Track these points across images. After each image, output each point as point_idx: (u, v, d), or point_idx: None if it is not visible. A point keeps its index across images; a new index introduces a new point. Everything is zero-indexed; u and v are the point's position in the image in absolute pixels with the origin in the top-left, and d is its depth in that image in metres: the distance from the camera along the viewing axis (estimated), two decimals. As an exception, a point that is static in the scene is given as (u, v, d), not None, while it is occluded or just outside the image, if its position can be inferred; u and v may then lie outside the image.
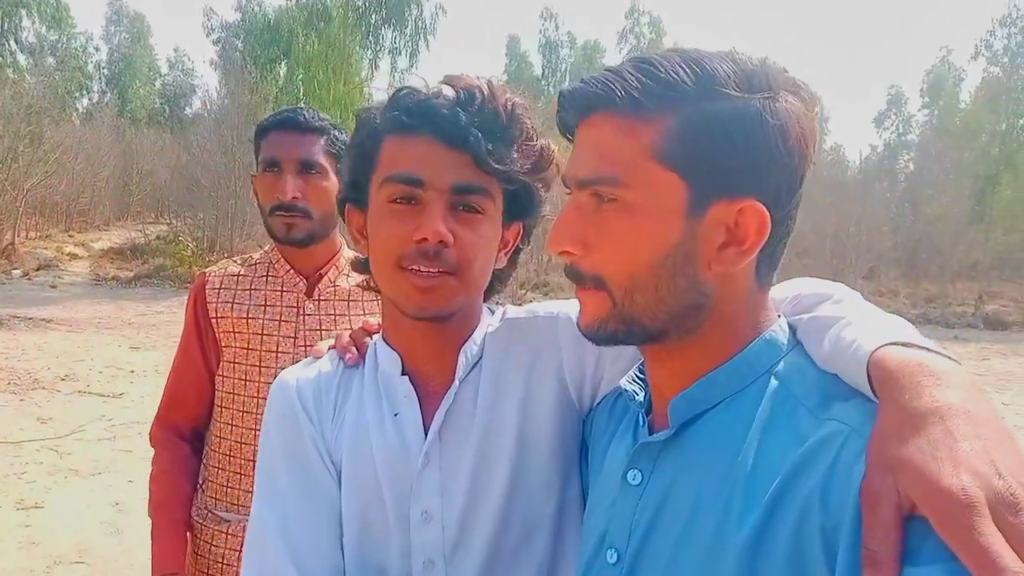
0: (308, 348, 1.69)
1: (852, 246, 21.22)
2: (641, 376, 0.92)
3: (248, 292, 1.78)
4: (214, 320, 1.77)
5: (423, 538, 0.99)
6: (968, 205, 25.45)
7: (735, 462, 0.74)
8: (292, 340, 1.74)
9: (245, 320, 1.75)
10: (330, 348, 1.15)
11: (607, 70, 0.77)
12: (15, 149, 19.38)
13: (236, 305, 1.76)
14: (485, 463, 1.00)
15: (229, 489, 1.76)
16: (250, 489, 1.71)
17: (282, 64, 26.68)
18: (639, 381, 0.92)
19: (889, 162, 37.03)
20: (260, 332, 1.74)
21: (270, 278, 1.80)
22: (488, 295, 1.10)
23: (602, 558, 0.86)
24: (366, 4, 27.83)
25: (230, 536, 1.73)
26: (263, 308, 1.76)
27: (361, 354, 1.11)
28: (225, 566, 1.73)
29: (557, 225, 0.81)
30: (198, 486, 1.83)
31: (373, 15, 28.09)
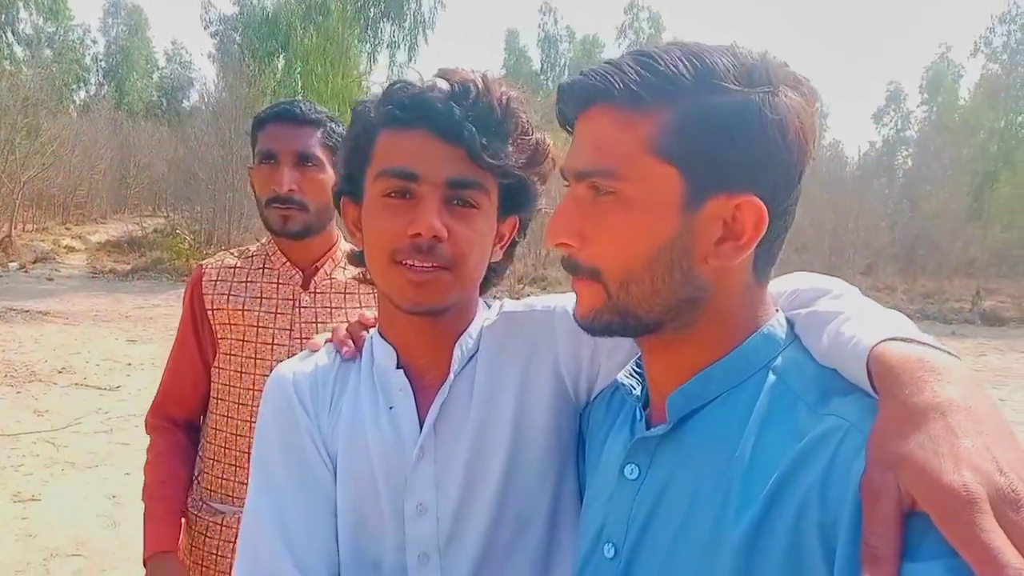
0: (304, 341, 1.70)
1: (850, 242, 21.25)
2: (638, 370, 0.92)
3: (244, 284, 1.78)
4: (210, 312, 1.77)
5: (418, 531, 0.99)
6: (966, 202, 25.44)
7: (733, 457, 0.74)
8: (288, 332, 1.74)
9: (241, 312, 1.75)
10: (327, 341, 1.15)
11: (607, 63, 0.77)
12: (12, 141, 19.34)
13: (232, 297, 1.76)
14: (480, 456, 1.00)
15: (224, 481, 1.76)
16: (245, 481, 1.70)
17: (280, 57, 26.59)
18: (636, 375, 0.92)
19: (888, 158, 37.06)
20: (256, 324, 1.74)
21: (266, 270, 1.80)
22: (484, 288, 1.10)
23: (599, 552, 0.86)
24: (365, -3, 27.77)
25: (224, 528, 1.73)
26: (259, 300, 1.76)
27: (357, 347, 1.11)
28: (219, 558, 1.73)
29: (555, 217, 0.81)
30: (193, 477, 1.83)
31: (371, 9, 28.01)
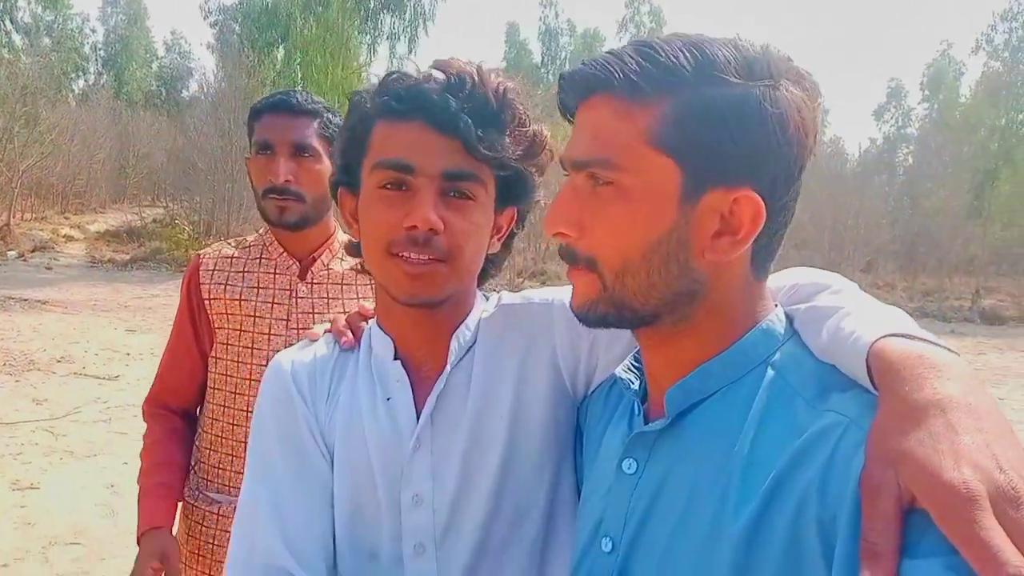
0: (301, 331, 1.69)
1: (850, 239, 21.26)
2: (637, 364, 0.91)
3: (241, 274, 1.78)
4: (207, 301, 1.77)
5: (414, 522, 0.99)
6: (967, 199, 25.45)
7: (731, 452, 0.74)
8: (285, 323, 1.74)
9: (238, 302, 1.75)
10: (326, 332, 1.15)
11: (608, 52, 0.77)
12: (11, 130, 19.30)
13: (229, 287, 1.76)
14: (477, 447, 1.00)
15: (220, 471, 1.76)
16: (242, 470, 1.69)
17: (280, 48, 26.51)
18: (634, 369, 0.91)
19: (888, 155, 37.04)
20: (253, 314, 1.74)
21: (263, 260, 1.80)
22: (482, 280, 1.09)
23: (597, 546, 0.85)
24: (365, -11, 27.65)
25: (221, 517, 1.74)
26: (256, 290, 1.76)
27: (356, 338, 1.11)
28: (216, 547, 1.73)
29: (553, 206, 0.81)
30: (190, 467, 1.83)
31: (372, 0, 27.92)
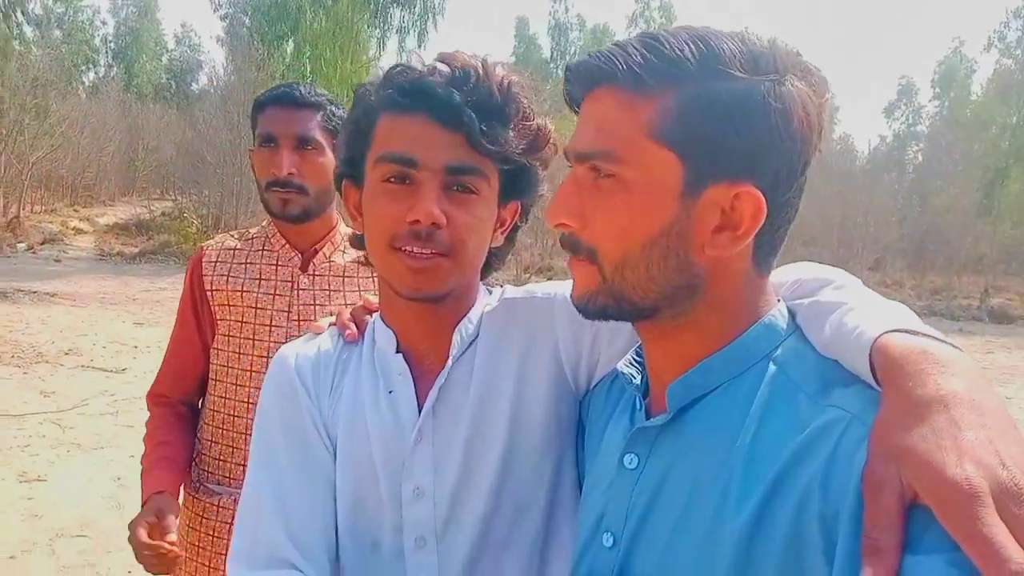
0: (302, 322, 1.71)
1: (859, 236, 21.18)
2: (638, 359, 0.91)
3: (244, 266, 1.78)
4: (209, 293, 1.77)
5: (415, 515, 0.99)
6: (976, 198, 25.33)
7: (733, 447, 0.74)
8: (286, 314, 1.74)
9: (240, 293, 1.75)
10: (330, 325, 1.15)
11: (614, 44, 0.76)
12: (21, 122, 19.39)
13: (231, 278, 1.77)
14: (478, 440, 1.00)
15: (221, 463, 1.76)
16: (242, 463, 1.72)
17: (289, 41, 26.50)
18: (636, 364, 0.91)
19: (898, 153, 36.89)
20: (254, 306, 1.74)
21: (265, 252, 1.80)
22: (485, 273, 1.09)
23: (598, 542, 0.85)
24: (375, -18, 27.61)
25: (221, 509, 1.74)
26: (258, 282, 1.76)
27: (360, 331, 1.11)
28: (216, 539, 1.74)
29: (556, 198, 0.81)
30: (192, 459, 1.84)
31: (382, -6, 27.89)
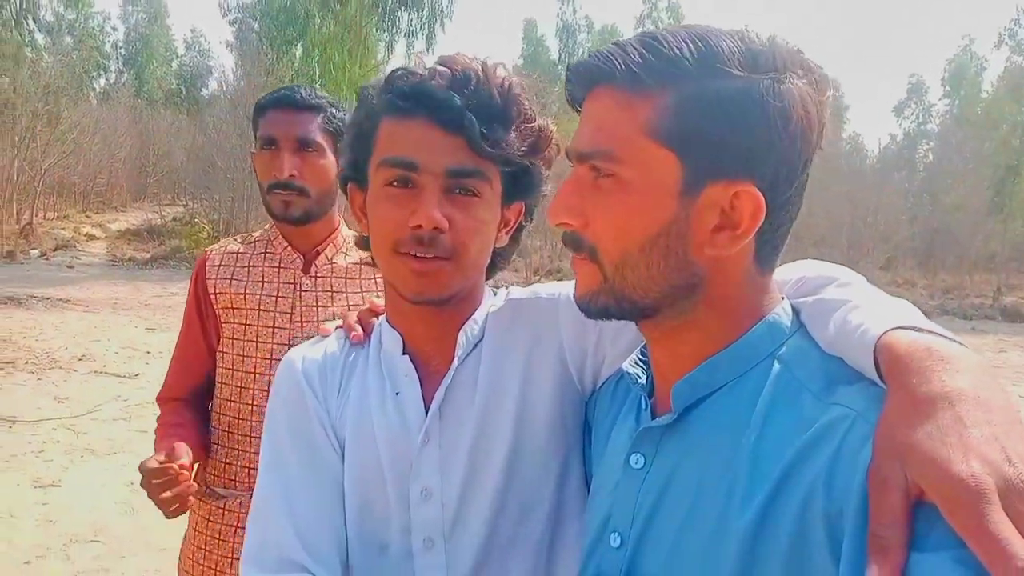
0: (305, 324, 1.73)
1: (869, 236, 21.07)
2: (643, 359, 0.91)
3: (247, 269, 1.80)
4: (213, 296, 1.79)
5: (422, 516, 1.00)
6: (987, 196, 25.12)
7: (738, 446, 0.74)
8: (288, 316, 1.76)
9: (243, 296, 1.77)
10: (337, 328, 1.16)
11: (613, 44, 0.77)
12: (33, 129, 19.49)
13: (235, 281, 1.78)
14: (484, 441, 1.00)
15: (227, 466, 1.78)
16: (247, 465, 1.73)
17: (298, 46, 26.57)
18: (641, 364, 0.91)
19: (908, 152, 36.64)
20: (257, 308, 1.76)
21: (268, 255, 1.82)
22: (491, 273, 1.10)
23: (605, 542, 0.85)
24: (383, -14, 27.65)
25: (227, 512, 1.75)
26: (261, 284, 1.78)
27: (367, 333, 1.12)
28: (222, 542, 1.74)
29: (557, 197, 0.81)
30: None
31: (389, -3, 27.95)
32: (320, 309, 1.76)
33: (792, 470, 0.68)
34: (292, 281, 1.78)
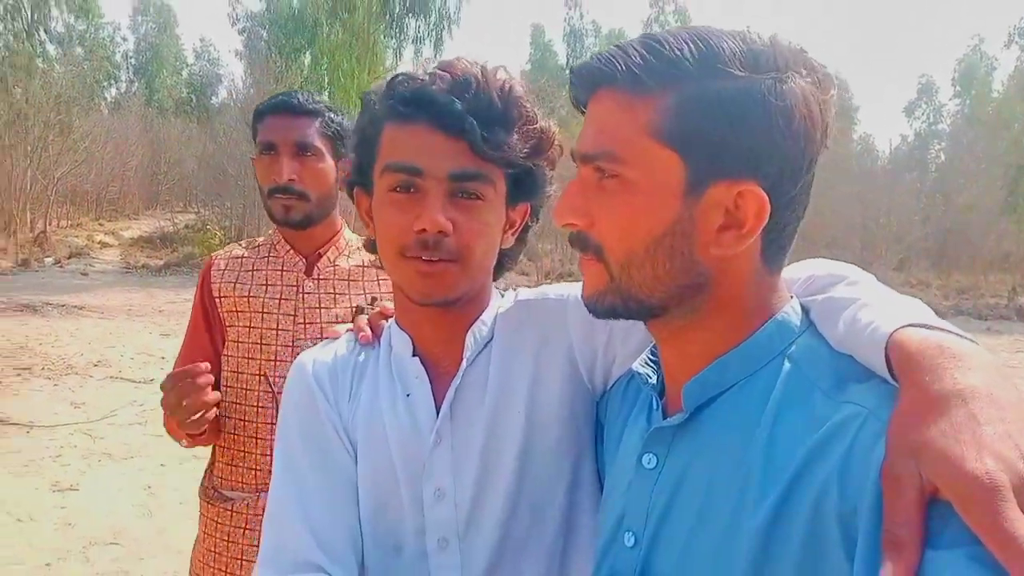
0: (308, 326, 1.76)
1: (882, 237, 20.95)
2: (654, 359, 0.91)
3: (251, 273, 1.83)
4: (218, 299, 1.81)
5: (436, 516, 1.00)
6: (1000, 195, 24.97)
7: (750, 445, 0.74)
8: (292, 318, 1.78)
9: (247, 299, 1.80)
10: (347, 331, 1.17)
11: (615, 46, 0.77)
12: (45, 138, 19.70)
13: (239, 285, 1.81)
14: (495, 441, 1.01)
15: (233, 468, 1.80)
16: (253, 467, 1.76)
17: (307, 53, 26.71)
18: (652, 364, 0.91)
19: (920, 152, 36.46)
20: (261, 310, 1.79)
21: (271, 258, 1.85)
22: (498, 274, 1.11)
23: (619, 541, 0.86)
24: (390, -7, 27.73)
25: (235, 514, 1.77)
26: (264, 287, 1.81)
27: (376, 335, 1.13)
28: (231, 543, 1.76)
29: (562, 198, 0.82)
30: (205, 470, 1.87)
31: (397, 4, 27.94)
32: (323, 311, 1.78)
33: (804, 469, 0.68)
34: (295, 284, 1.81)
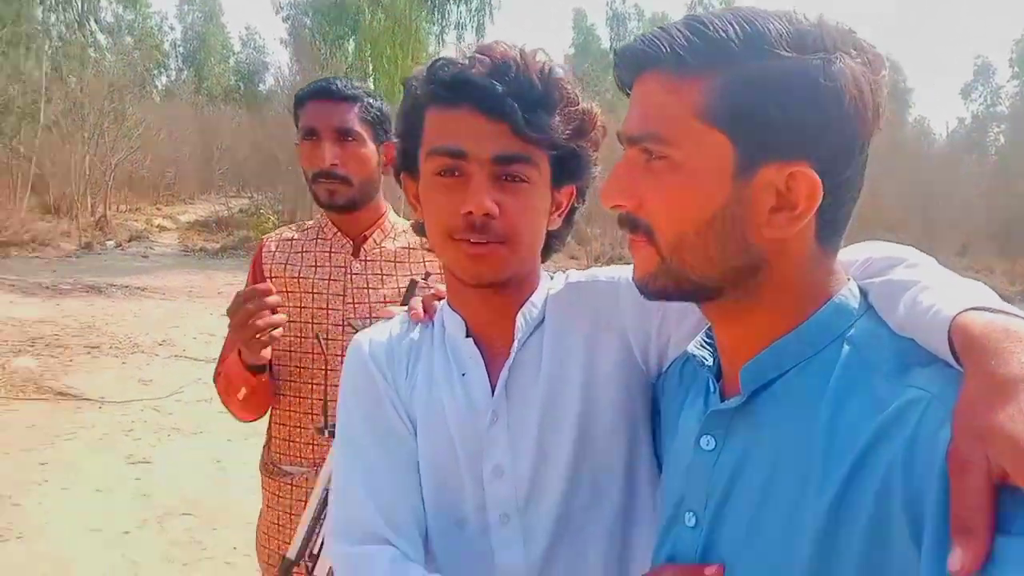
0: (356, 306, 1.82)
1: (943, 221, 20.42)
2: (709, 340, 0.91)
3: (300, 254, 1.90)
4: (269, 280, 1.86)
5: (496, 493, 1.02)
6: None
7: (811, 429, 0.73)
8: (341, 298, 1.84)
9: (297, 280, 1.86)
10: (403, 311, 1.19)
11: (659, 28, 0.76)
12: (100, 126, 20.22)
13: (289, 266, 1.88)
14: (551, 420, 1.02)
15: (291, 443, 1.87)
16: (311, 441, 1.83)
17: (350, 41, 26.88)
18: (707, 346, 0.90)
19: (978, 135, 35.37)
20: (311, 291, 1.85)
21: (320, 240, 1.91)
22: (546, 256, 1.12)
23: (680, 522, 0.86)
24: (431, -21, 27.72)
25: (295, 487, 1.84)
26: (314, 268, 1.87)
27: (429, 316, 1.15)
28: (293, 516, 1.82)
29: (609, 180, 0.81)
30: (263, 446, 1.94)
31: (437, -9, 28.00)
32: (371, 291, 1.84)
33: (868, 453, 0.68)
34: (343, 265, 1.86)
